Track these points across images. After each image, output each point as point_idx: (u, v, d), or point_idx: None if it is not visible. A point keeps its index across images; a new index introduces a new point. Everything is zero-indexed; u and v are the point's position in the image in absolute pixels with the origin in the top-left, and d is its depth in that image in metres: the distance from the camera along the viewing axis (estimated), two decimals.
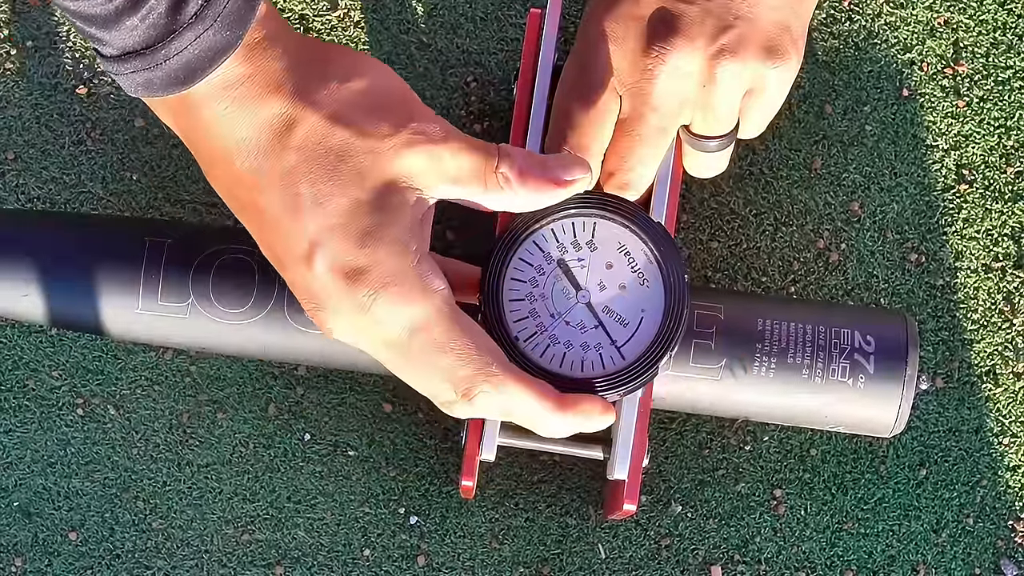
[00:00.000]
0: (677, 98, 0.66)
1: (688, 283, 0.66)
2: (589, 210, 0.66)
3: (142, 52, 0.57)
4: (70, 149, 0.83)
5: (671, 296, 0.66)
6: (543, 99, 0.71)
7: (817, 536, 0.81)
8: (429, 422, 0.81)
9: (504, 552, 0.81)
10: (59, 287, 0.71)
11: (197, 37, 0.56)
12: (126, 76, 0.58)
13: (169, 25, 0.56)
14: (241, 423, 0.82)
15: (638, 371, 0.65)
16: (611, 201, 0.66)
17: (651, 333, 0.66)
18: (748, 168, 0.83)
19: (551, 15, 0.72)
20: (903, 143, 0.83)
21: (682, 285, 0.66)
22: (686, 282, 0.66)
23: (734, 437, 0.82)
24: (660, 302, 0.66)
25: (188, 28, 0.56)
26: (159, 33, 0.56)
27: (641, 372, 0.65)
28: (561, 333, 0.65)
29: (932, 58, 0.84)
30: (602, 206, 0.66)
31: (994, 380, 0.82)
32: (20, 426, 0.81)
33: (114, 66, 0.58)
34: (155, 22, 0.56)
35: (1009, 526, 0.82)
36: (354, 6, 0.83)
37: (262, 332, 0.72)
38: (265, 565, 0.81)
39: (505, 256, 0.66)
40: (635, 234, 0.66)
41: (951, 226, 0.83)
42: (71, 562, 0.81)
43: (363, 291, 0.59)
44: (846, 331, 0.72)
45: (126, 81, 0.58)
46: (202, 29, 0.56)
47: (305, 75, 0.59)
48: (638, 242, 0.66)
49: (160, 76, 0.57)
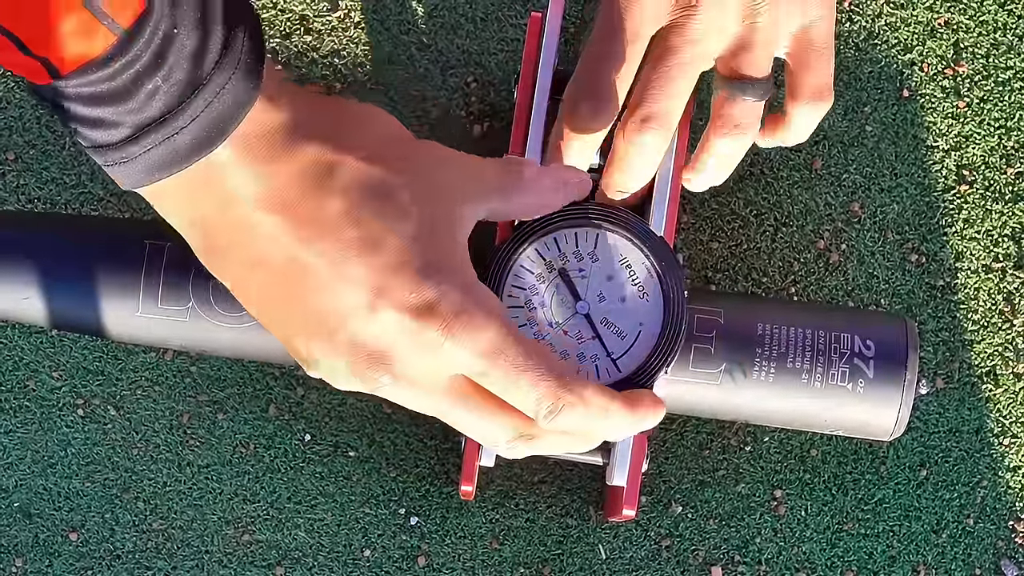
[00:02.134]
0: (714, 31, 0.65)
1: (688, 300, 0.66)
2: (593, 221, 0.66)
3: (163, 120, 0.52)
4: (70, 150, 0.83)
5: (670, 311, 0.66)
6: (543, 102, 0.71)
7: (817, 537, 0.81)
8: (429, 423, 0.81)
9: (504, 553, 0.81)
10: (60, 290, 0.71)
11: (222, 87, 0.52)
12: (139, 159, 0.53)
13: (192, 80, 0.52)
14: (241, 424, 0.82)
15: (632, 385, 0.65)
16: (615, 213, 0.66)
17: (648, 347, 0.65)
18: (748, 168, 0.83)
19: (552, 17, 0.72)
20: (903, 144, 0.83)
21: (682, 301, 0.66)
22: (686, 299, 0.66)
23: (734, 438, 0.82)
24: (659, 317, 0.66)
25: (211, 79, 0.52)
26: (182, 91, 0.52)
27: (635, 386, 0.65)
28: (558, 342, 0.65)
29: (932, 59, 0.84)
30: (606, 218, 0.66)
31: (994, 381, 0.82)
32: (21, 427, 0.81)
33: (121, 151, 0.53)
34: (178, 80, 0.51)
35: (1009, 527, 0.82)
36: (354, 7, 0.83)
37: (262, 335, 0.72)
38: (265, 566, 0.81)
39: (507, 261, 0.66)
40: (638, 247, 0.66)
41: (951, 227, 0.83)
42: (71, 563, 0.81)
43: (434, 327, 0.55)
44: (846, 335, 0.72)
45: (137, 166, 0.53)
46: (225, 78, 0.52)
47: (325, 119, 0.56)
48: (640, 256, 0.66)
49: (185, 142, 0.52)
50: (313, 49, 0.83)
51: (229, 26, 0.52)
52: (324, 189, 0.55)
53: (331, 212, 0.55)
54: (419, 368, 0.57)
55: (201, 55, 0.52)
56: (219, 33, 0.52)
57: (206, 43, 0.52)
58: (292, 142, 0.55)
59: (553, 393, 0.57)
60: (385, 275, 0.55)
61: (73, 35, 0.50)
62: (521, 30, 0.83)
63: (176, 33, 0.51)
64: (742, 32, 0.66)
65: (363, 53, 0.83)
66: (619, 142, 0.67)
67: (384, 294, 0.55)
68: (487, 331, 0.56)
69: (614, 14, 0.66)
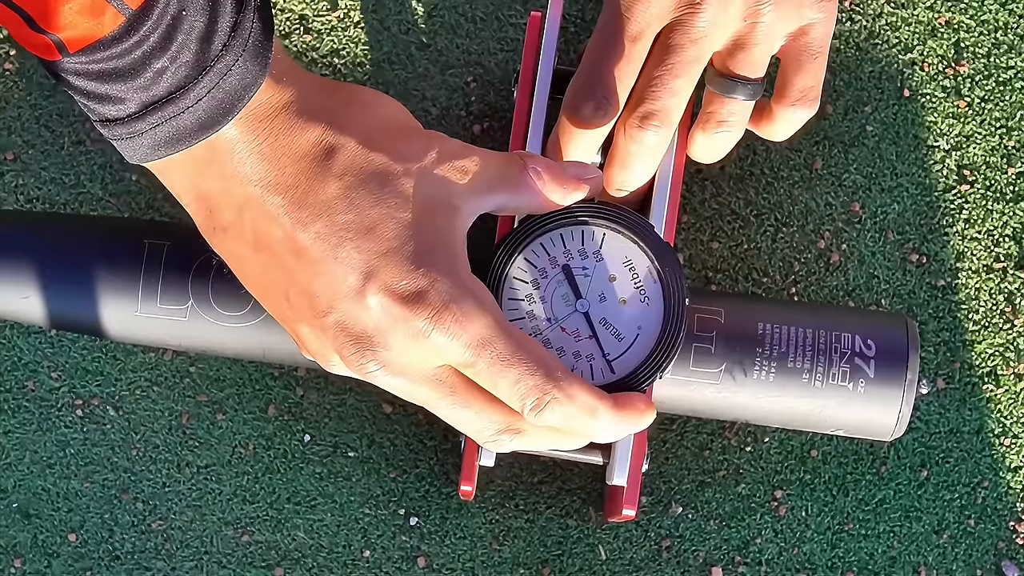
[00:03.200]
0: (717, 29, 0.65)
1: (688, 306, 0.66)
2: (601, 221, 0.66)
3: (169, 98, 0.53)
4: (69, 149, 0.82)
5: (670, 317, 0.65)
6: (543, 102, 0.71)
7: (818, 537, 0.81)
8: (429, 423, 0.81)
9: (504, 553, 0.81)
10: (59, 290, 0.71)
11: (229, 69, 0.53)
12: (145, 135, 0.54)
13: (199, 61, 0.52)
14: (241, 424, 0.81)
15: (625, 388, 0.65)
16: (623, 214, 0.66)
17: (645, 351, 0.65)
18: (748, 168, 0.83)
19: (551, 16, 0.72)
20: (904, 143, 0.83)
21: (682, 307, 0.65)
22: (686, 305, 0.65)
23: (735, 438, 0.82)
24: (658, 321, 0.66)
25: (219, 60, 0.52)
26: (189, 72, 0.52)
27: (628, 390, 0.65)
28: (555, 338, 0.65)
29: (933, 58, 0.83)
30: (614, 219, 0.66)
31: (995, 381, 0.82)
32: (19, 427, 0.81)
33: (128, 127, 0.54)
34: (186, 60, 0.52)
35: (1010, 527, 0.82)
36: (354, 6, 0.83)
37: (262, 335, 0.72)
38: (265, 566, 0.81)
39: (511, 253, 0.65)
40: (643, 251, 0.66)
41: (952, 227, 0.83)
42: (70, 563, 0.81)
43: (422, 316, 0.56)
44: (847, 335, 0.72)
45: (144, 141, 0.54)
46: (233, 59, 0.53)
47: (330, 103, 0.57)
48: (644, 259, 0.66)
49: (191, 121, 0.53)
50: (313, 49, 0.83)
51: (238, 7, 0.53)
52: (324, 171, 0.56)
53: (329, 195, 0.56)
54: (406, 356, 0.57)
55: (209, 37, 0.52)
56: (228, 14, 0.53)
57: (215, 24, 0.52)
58: (296, 124, 0.55)
59: (540, 387, 0.58)
60: (377, 260, 0.56)
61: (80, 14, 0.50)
62: (521, 30, 0.83)
63: (184, 14, 0.51)
64: (742, 30, 0.66)
65: (363, 53, 0.83)
66: (620, 139, 0.67)
67: (373, 278, 0.56)
68: (476, 323, 0.57)
69: (617, 11, 0.66)
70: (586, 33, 0.83)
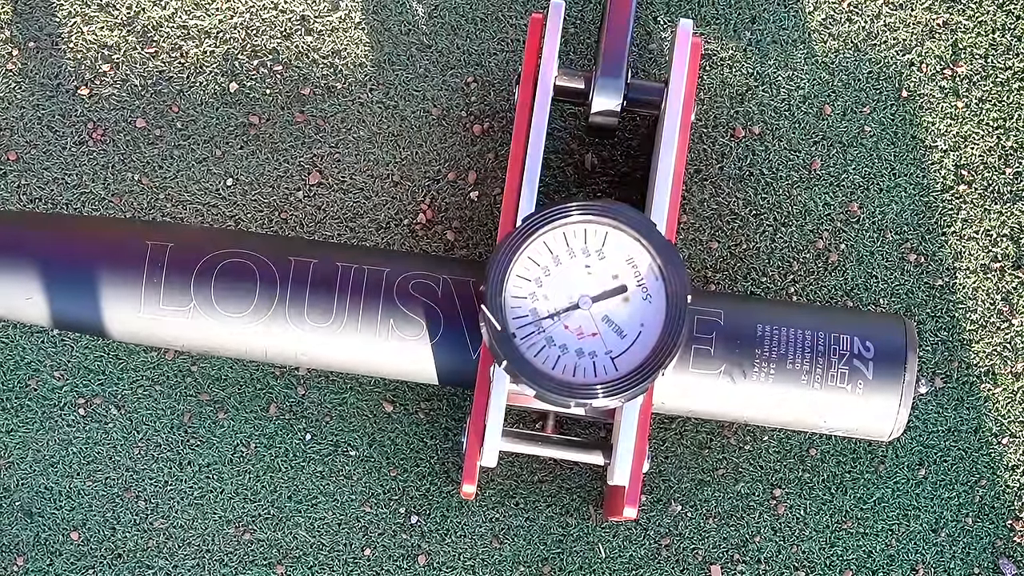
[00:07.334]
0: None
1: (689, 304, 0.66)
2: (604, 219, 0.66)
3: None
4: (72, 150, 0.83)
5: (672, 314, 0.66)
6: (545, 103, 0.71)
7: (816, 536, 0.82)
8: (429, 422, 0.82)
9: (504, 551, 0.81)
10: (63, 291, 0.72)
11: None
12: None
13: None
14: (242, 423, 0.82)
15: (628, 384, 0.65)
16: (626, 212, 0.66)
17: (647, 349, 0.65)
18: (748, 169, 0.83)
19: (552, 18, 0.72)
20: (902, 144, 0.83)
21: (684, 305, 0.65)
22: (688, 303, 0.66)
23: (734, 437, 0.82)
24: (660, 319, 0.66)
25: None
26: None
27: (631, 386, 0.65)
28: (558, 336, 0.65)
29: (931, 59, 0.84)
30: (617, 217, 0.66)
31: (993, 380, 0.82)
32: (22, 426, 0.82)
33: None
34: None
35: (1008, 525, 0.82)
36: (355, 7, 0.83)
37: (264, 335, 0.72)
38: (266, 564, 0.81)
39: (514, 251, 0.66)
40: (646, 249, 0.66)
41: (950, 227, 0.83)
42: (73, 561, 0.81)
43: None
44: (845, 336, 0.72)
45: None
46: None
47: None
48: (647, 257, 0.66)
49: None
50: (314, 50, 0.83)
51: None
52: None
53: None
54: None
55: None
56: None
57: None
58: None
59: None
60: None
61: None
62: (521, 30, 0.83)
63: None
64: None
65: (363, 53, 0.83)
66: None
67: None
68: None
69: None
70: (586, 33, 0.83)
